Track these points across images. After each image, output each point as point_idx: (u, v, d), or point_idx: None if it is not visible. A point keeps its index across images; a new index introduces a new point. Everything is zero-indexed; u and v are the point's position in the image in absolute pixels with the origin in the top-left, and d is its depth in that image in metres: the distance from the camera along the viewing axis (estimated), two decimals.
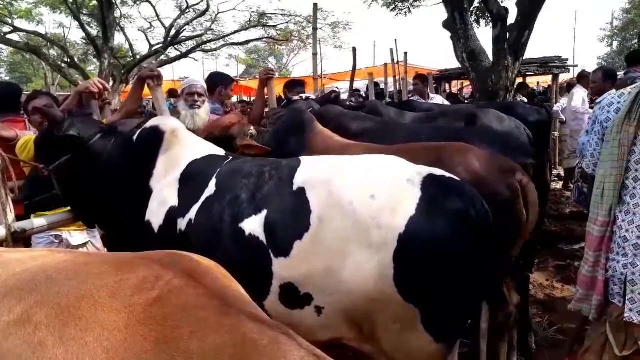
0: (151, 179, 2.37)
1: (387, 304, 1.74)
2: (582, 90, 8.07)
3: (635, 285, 1.52)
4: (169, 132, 2.43)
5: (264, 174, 2.08)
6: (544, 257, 4.80)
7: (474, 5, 11.74)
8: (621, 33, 31.13)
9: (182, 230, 2.14)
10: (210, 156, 2.38)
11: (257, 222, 1.95)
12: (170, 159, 2.38)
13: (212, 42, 19.81)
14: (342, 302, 1.80)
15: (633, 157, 1.55)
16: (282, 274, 1.87)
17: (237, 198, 2.05)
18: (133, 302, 1.11)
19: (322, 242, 1.80)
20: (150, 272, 1.18)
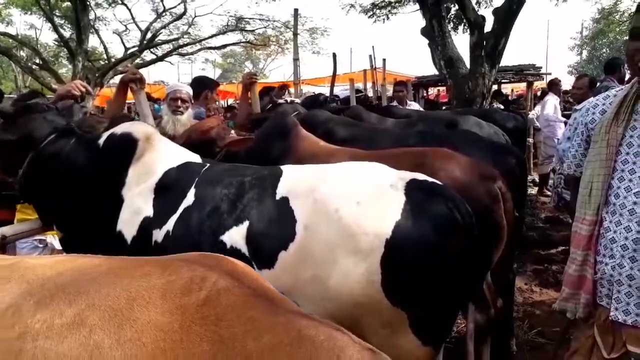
0: (122, 187, 2.26)
1: (375, 309, 1.74)
2: (554, 98, 8.27)
3: (621, 285, 1.55)
4: (143, 138, 2.33)
5: (244, 184, 2.04)
6: (522, 262, 4.87)
7: (452, 12, 11.95)
8: (591, 42, 32.02)
9: (159, 242, 2.07)
10: (187, 164, 2.30)
11: (239, 234, 1.91)
12: (144, 166, 2.28)
13: (188, 45, 19.60)
14: (330, 309, 1.78)
15: (619, 158, 1.59)
16: None
17: (217, 209, 2.00)
18: (184, 303, 1.10)
19: (308, 251, 1.79)
20: (195, 273, 1.18)
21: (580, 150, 1.77)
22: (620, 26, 21.50)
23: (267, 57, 31.19)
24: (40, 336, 1.10)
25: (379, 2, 13.82)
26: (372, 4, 13.89)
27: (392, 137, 3.71)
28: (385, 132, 4.05)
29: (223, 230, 1.94)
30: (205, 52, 21.36)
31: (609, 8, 21.65)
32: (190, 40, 19.73)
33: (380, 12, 13.85)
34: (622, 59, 5.31)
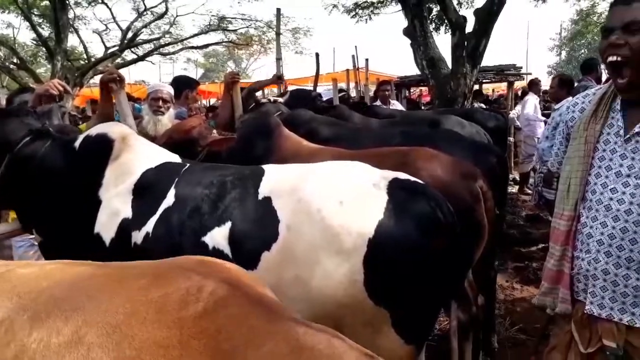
0: (99, 189, 2.23)
1: (358, 309, 1.74)
2: (534, 98, 8.39)
3: (597, 280, 1.57)
4: (119, 138, 2.31)
5: (226, 184, 2.02)
6: (503, 260, 4.93)
7: (433, 13, 12.03)
8: (569, 43, 32.59)
9: (138, 244, 2.05)
10: (166, 164, 2.28)
11: (221, 235, 1.89)
12: (121, 167, 2.25)
13: (170, 45, 19.43)
14: (313, 310, 1.78)
15: (597, 154, 1.62)
16: None
17: (198, 209, 1.98)
18: (182, 316, 1.07)
19: (291, 252, 1.78)
20: (191, 283, 1.14)
21: (562, 148, 1.80)
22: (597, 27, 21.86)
23: (250, 56, 31.09)
24: (38, 356, 1.06)
25: (362, 3, 13.87)
26: (355, 4, 13.94)
27: (375, 136, 3.73)
28: (368, 131, 4.07)
29: (205, 231, 1.92)
30: (187, 51, 21.24)
31: (587, 10, 22.03)
32: (171, 40, 19.57)
33: (363, 12, 13.90)
34: (598, 59, 5.41)
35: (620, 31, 1.49)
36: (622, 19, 1.49)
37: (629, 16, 1.48)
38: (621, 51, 1.49)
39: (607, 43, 1.52)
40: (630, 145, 1.55)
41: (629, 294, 1.53)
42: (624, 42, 1.48)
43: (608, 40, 1.52)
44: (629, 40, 1.48)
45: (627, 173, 1.54)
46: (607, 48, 1.53)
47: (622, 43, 1.49)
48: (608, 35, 1.53)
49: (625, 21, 1.48)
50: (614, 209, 1.54)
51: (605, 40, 1.54)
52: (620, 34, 1.49)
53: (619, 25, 1.49)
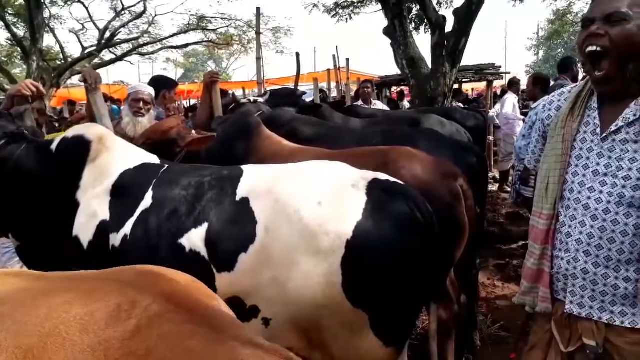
0: (77, 191, 2.19)
1: (336, 311, 1.73)
2: (513, 97, 8.49)
3: (576, 279, 1.57)
4: (96, 140, 2.27)
5: (203, 185, 1.99)
6: (484, 257, 4.97)
7: (413, 13, 12.10)
8: (547, 42, 33.11)
9: (116, 247, 2.01)
10: (144, 165, 2.24)
11: (198, 236, 1.87)
12: (99, 168, 2.21)
13: (149, 45, 19.22)
14: (291, 312, 1.76)
15: (574, 153, 1.61)
16: (226, 289, 1.80)
17: (175, 211, 1.95)
18: (108, 337, 0.96)
19: (268, 253, 1.76)
20: (124, 298, 1.03)
21: (539, 146, 1.79)
22: (574, 27, 22.27)
23: (230, 56, 30.89)
24: None
25: (342, 2, 13.89)
26: (335, 3, 13.96)
27: (356, 136, 3.73)
28: (349, 131, 4.07)
29: (182, 233, 1.89)
30: (167, 51, 21.03)
31: (563, 9, 22.38)
32: (150, 40, 19.38)
33: (343, 12, 13.93)
34: (574, 58, 5.50)
35: (601, 22, 1.47)
36: (604, 9, 1.47)
37: (611, 7, 1.46)
38: (601, 42, 1.47)
39: (587, 33, 1.50)
40: (606, 144, 1.55)
41: (607, 293, 1.54)
42: (604, 33, 1.46)
43: (588, 30, 1.50)
44: (609, 31, 1.46)
45: (604, 172, 1.54)
46: (586, 38, 1.51)
47: (602, 33, 1.47)
48: (588, 25, 1.51)
49: (606, 12, 1.47)
50: (592, 208, 1.54)
51: (585, 31, 1.52)
52: (601, 24, 1.47)
53: (600, 16, 1.48)
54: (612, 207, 1.51)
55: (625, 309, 1.53)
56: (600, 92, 1.58)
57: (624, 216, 1.50)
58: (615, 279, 1.53)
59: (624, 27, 1.45)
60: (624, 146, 1.52)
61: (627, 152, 1.51)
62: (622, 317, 1.53)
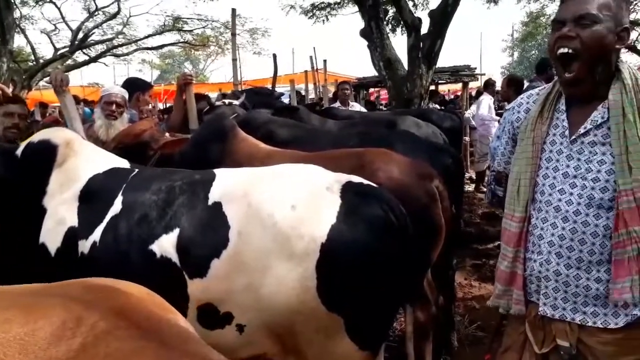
0: (44, 197, 2.13)
1: (311, 315, 1.71)
2: (489, 98, 8.60)
3: (549, 281, 1.58)
4: (63, 144, 2.21)
5: (175, 189, 1.96)
6: (461, 257, 5.00)
7: (390, 14, 12.18)
8: (521, 44, 33.66)
9: (85, 254, 1.96)
10: (113, 169, 2.19)
11: (169, 242, 1.83)
12: (67, 173, 2.16)
13: (123, 46, 18.95)
14: (265, 317, 1.74)
15: (544, 155, 1.62)
16: (199, 295, 1.77)
17: (146, 216, 1.91)
18: (50, 357, 0.91)
19: (242, 258, 1.73)
20: (69, 315, 0.97)
21: (508, 148, 1.80)
22: (547, 29, 22.67)
23: (207, 57, 30.66)
24: None
25: (318, 3, 13.93)
26: (312, 5, 13.99)
27: (333, 138, 3.72)
28: (326, 133, 4.06)
29: (152, 239, 1.85)
30: (142, 52, 20.82)
31: (536, 12, 22.79)
32: (125, 41, 19.12)
33: (320, 13, 13.98)
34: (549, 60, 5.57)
35: (572, 24, 1.48)
36: (575, 11, 1.48)
37: (582, 9, 1.47)
38: (572, 44, 1.48)
39: (557, 35, 1.51)
40: (575, 146, 1.56)
41: (580, 294, 1.55)
42: (575, 35, 1.47)
43: (560, 32, 1.51)
44: (580, 34, 1.47)
45: (574, 174, 1.55)
46: (557, 40, 1.51)
47: (573, 35, 1.48)
48: (559, 27, 1.52)
49: (577, 14, 1.47)
50: (563, 210, 1.55)
51: (556, 33, 1.52)
52: (572, 26, 1.48)
53: (571, 18, 1.48)
54: (582, 208, 1.53)
55: (597, 310, 1.55)
56: (569, 93, 1.60)
57: (593, 217, 1.52)
58: (586, 280, 1.54)
59: (595, 30, 1.47)
60: (592, 148, 1.54)
61: (596, 154, 1.53)
62: (595, 318, 1.55)
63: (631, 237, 1.46)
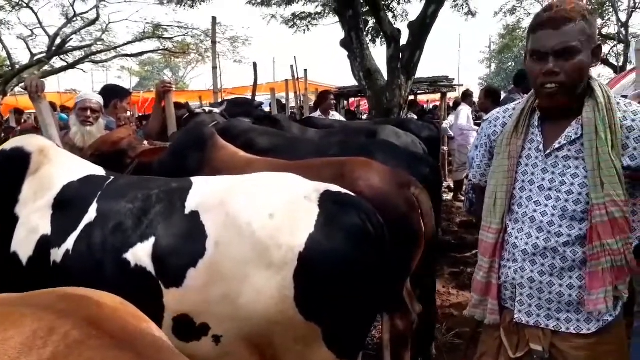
0: (16, 205, 2.10)
1: (289, 325, 1.70)
2: (467, 108, 8.73)
3: (523, 288, 1.62)
4: (37, 151, 2.19)
5: (151, 197, 1.94)
6: (439, 265, 5.04)
7: (370, 25, 12.30)
8: (498, 56, 34.30)
9: (57, 263, 1.93)
10: (89, 177, 2.17)
11: (144, 251, 1.81)
12: (40, 181, 2.13)
13: (102, 52, 18.74)
14: (242, 328, 1.73)
15: (520, 169, 1.66)
16: (174, 306, 1.75)
17: (121, 225, 1.89)
18: None
19: (219, 268, 1.72)
20: (40, 324, 0.96)
21: (485, 161, 1.83)
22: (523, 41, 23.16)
23: (187, 65, 30.50)
24: None
25: (299, 13, 13.99)
26: (293, 14, 14.04)
27: (313, 147, 3.73)
28: (305, 142, 4.06)
29: (127, 248, 1.83)
30: (121, 59, 20.59)
31: (513, 25, 23.31)
32: (104, 47, 18.91)
33: (301, 23, 14.04)
34: None
35: (555, 58, 1.51)
36: (556, 45, 1.50)
37: (562, 43, 1.49)
38: (557, 79, 1.51)
39: (543, 70, 1.53)
40: (550, 160, 1.61)
41: (553, 300, 1.59)
42: (559, 70, 1.50)
43: (545, 67, 1.52)
44: (563, 67, 1.50)
45: (549, 187, 1.60)
46: (542, 75, 1.53)
47: (558, 71, 1.51)
48: (541, 59, 1.53)
49: (559, 48, 1.50)
50: (538, 220, 1.60)
51: (538, 66, 1.54)
52: (555, 61, 1.51)
53: (553, 52, 1.50)
54: (556, 219, 1.57)
55: (570, 316, 1.59)
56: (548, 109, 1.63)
57: (567, 228, 1.56)
58: (559, 287, 1.58)
59: (577, 61, 1.51)
60: (566, 162, 1.59)
61: (569, 168, 1.58)
62: (568, 324, 1.59)
63: (604, 250, 1.50)
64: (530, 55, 1.58)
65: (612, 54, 19.81)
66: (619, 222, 1.49)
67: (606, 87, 1.60)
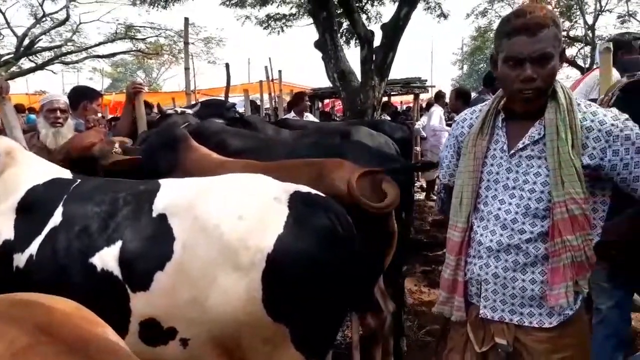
0: None
1: (257, 327, 1.71)
2: (439, 109, 8.88)
3: (488, 284, 1.67)
4: (3, 153, 2.15)
5: (118, 200, 1.91)
6: (411, 264, 5.11)
7: (344, 27, 12.35)
8: (470, 58, 34.83)
9: (20, 268, 1.89)
10: (54, 180, 2.13)
11: (111, 255, 1.78)
12: (4, 184, 2.09)
13: (72, 53, 18.39)
14: (210, 330, 1.72)
15: (485, 169, 1.71)
16: (141, 310, 1.73)
17: (87, 229, 1.86)
18: None
19: (187, 271, 1.70)
20: None
21: (453, 161, 1.88)
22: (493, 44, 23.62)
23: (161, 66, 30.15)
24: None
25: (274, 15, 13.97)
26: (267, 16, 14.00)
27: (286, 148, 3.73)
28: (278, 143, 4.06)
29: (93, 252, 1.80)
30: (92, 60, 20.23)
31: (484, 27, 23.71)
32: (74, 48, 18.54)
33: (275, 24, 14.00)
34: None
35: (531, 64, 1.53)
36: (533, 51, 1.53)
37: (539, 50, 1.52)
38: (534, 84, 1.55)
39: (521, 77, 1.55)
40: (514, 160, 1.66)
41: (517, 295, 1.64)
42: (536, 76, 1.54)
43: (523, 74, 1.55)
44: (539, 73, 1.54)
45: (513, 185, 1.64)
46: (520, 82, 1.56)
47: (535, 77, 1.54)
48: (518, 65, 1.56)
49: (536, 54, 1.53)
50: (502, 218, 1.64)
51: (514, 72, 1.56)
52: (532, 67, 1.53)
53: (528, 58, 1.53)
54: (520, 217, 1.62)
55: (532, 310, 1.64)
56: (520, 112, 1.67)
57: (529, 225, 1.61)
58: (522, 282, 1.63)
59: (551, 66, 1.55)
60: (529, 162, 1.63)
61: (532, 167, 1.63)
62: (530, 318, 1.64)
63: (565, 246, 1.55)
64: (504, 61, 1.60)
65: (580, 55, 20.38)
66: (579, 219, 1.54)
67: (567, 89, 1.65)
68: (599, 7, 19.48)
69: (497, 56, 1.64)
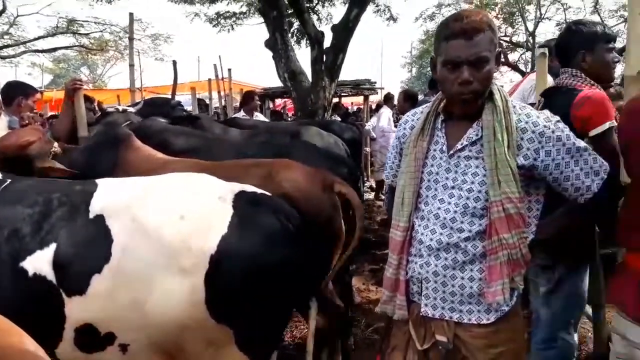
0: None
1: (200, 329, 1.67)
2: (388, 111, 9.05)
3: (429, 282, 1.70)
4: None
5: (52, 201, 1.83)
6: (360, 263, 5.16)
7: (294, 27, 12.35)
8: (418, 61, 35.60)
9: None
10: None
11: (44, 259, 1.70)
12: None
13: (9, 47, 17.46)
14: (151, 335, 1.67)
15: (426, 169, 1.74)
16: (77, 316, 1.67)
17: (17, 231, 1.76)
18: None
19: (125, 274, 1.65)
20: None
21: (396, 162, 1.91)
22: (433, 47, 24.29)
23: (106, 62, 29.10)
24: None
25: (224, 13, 13.78)
26: (217, 13, 13.80)
27: (233, 147, 3.68)
28: (225, 142, 4.00)
29: (24, 256, 1.71)
30: (31, 55, 19.25)
31: (432, 30, 24.33)
32: (12, 42, 17.61)
33: (225, 22, 13.83)
34: None
35: (468, 68, 1.57)
36: (469, 55, 1.56)
37: (475, 53, 1.56)
38: (471, 87, 1.59)
39: (459, 80, 1.59)
40: (453, 160, 1.70)
41: (456, 293, 1.68)
42: (473, 79, 1.58)
43: (460, 77, 1.58)
44: (475, 76, 1.58)
45: (452, 185, 1.69)
46: (458, 85, 1.59)
47: (472, 80, 1.58)
48: (454, 69, 1.59)
49: (472, 58, 1.56)
50: (442, 217, 1.68)
51: (453, 75, 1.60)
52: (469, 71, 1.57)
53: (465, 62, 1.57)
54: (458, 216, 1.66)
55: (471, 307, 1.68)
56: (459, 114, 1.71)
57: (468, 224, 1.66)
58: (461, 279, 1.67)
59: (487, 69, 1.59)
60: (467, 162, 1.68)
61: (470, 168, 1.67)
62: (469, 315, 1.68)
63: (502, 244, 1.60)
64: (443, 65, 1.63)
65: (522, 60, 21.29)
66: (514, 218, 1.60)
67: (504, 91, 1.72)
68: (539, 14, 20.44)
69: (436, 59, 1.68)
